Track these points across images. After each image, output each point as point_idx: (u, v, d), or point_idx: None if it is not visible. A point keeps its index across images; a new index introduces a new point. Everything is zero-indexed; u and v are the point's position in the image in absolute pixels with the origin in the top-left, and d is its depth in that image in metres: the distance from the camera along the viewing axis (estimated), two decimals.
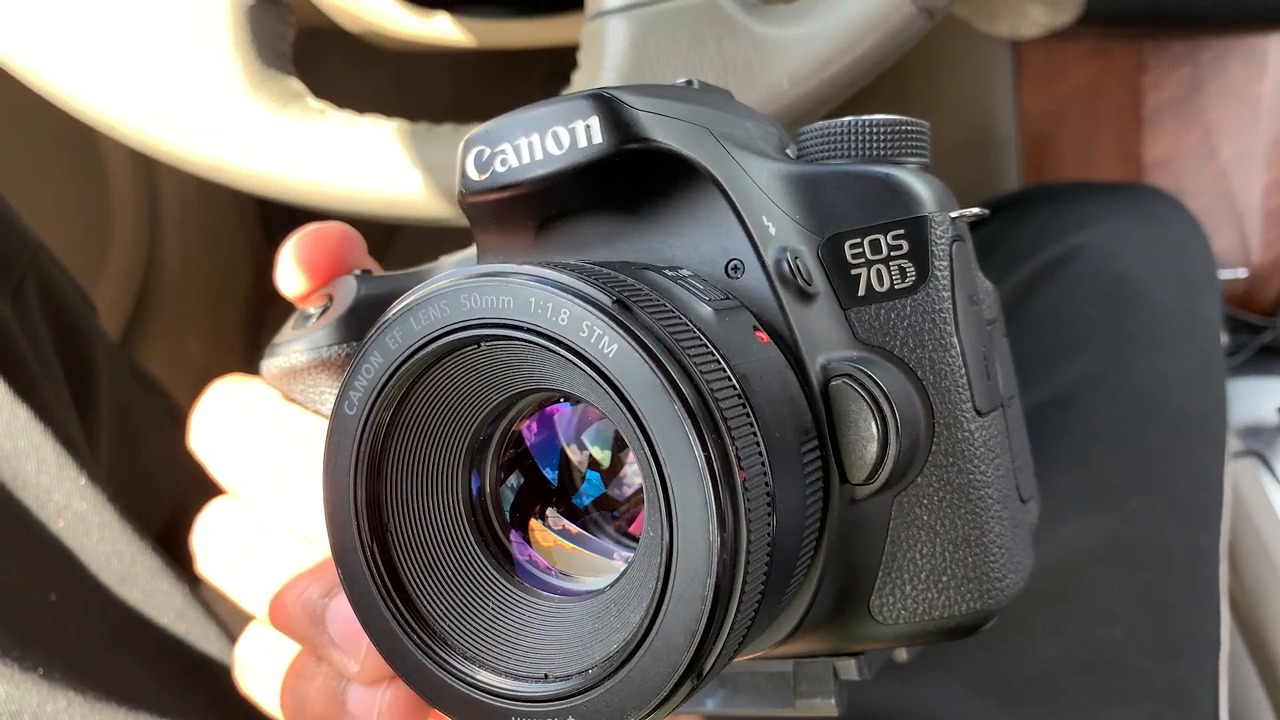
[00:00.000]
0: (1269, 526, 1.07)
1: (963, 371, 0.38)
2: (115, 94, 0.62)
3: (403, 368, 0.33)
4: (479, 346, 0.32)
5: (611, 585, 0.33)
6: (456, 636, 0.34)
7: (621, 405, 0.30)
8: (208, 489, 0.47)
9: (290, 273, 0.46)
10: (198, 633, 0.62)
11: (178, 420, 0.98)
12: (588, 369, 0.30)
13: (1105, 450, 0.82)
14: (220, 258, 1.28)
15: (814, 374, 0.36)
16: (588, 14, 0.59)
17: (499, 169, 0.37)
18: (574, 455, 0.37)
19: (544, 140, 0.36)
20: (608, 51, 0.58)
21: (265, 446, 0.44)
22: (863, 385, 0.36)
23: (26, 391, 0.59)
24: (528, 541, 0.35)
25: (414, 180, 0.63)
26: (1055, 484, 0.79)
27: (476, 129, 0.38)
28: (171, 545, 0.76)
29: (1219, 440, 0.86)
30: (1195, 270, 0.93)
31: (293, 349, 0.44)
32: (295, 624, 0.41)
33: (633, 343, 0.29)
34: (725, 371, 0.31)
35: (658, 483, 0.29)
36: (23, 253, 0.69)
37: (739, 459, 0.29)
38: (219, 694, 0.62)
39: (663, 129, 0.37)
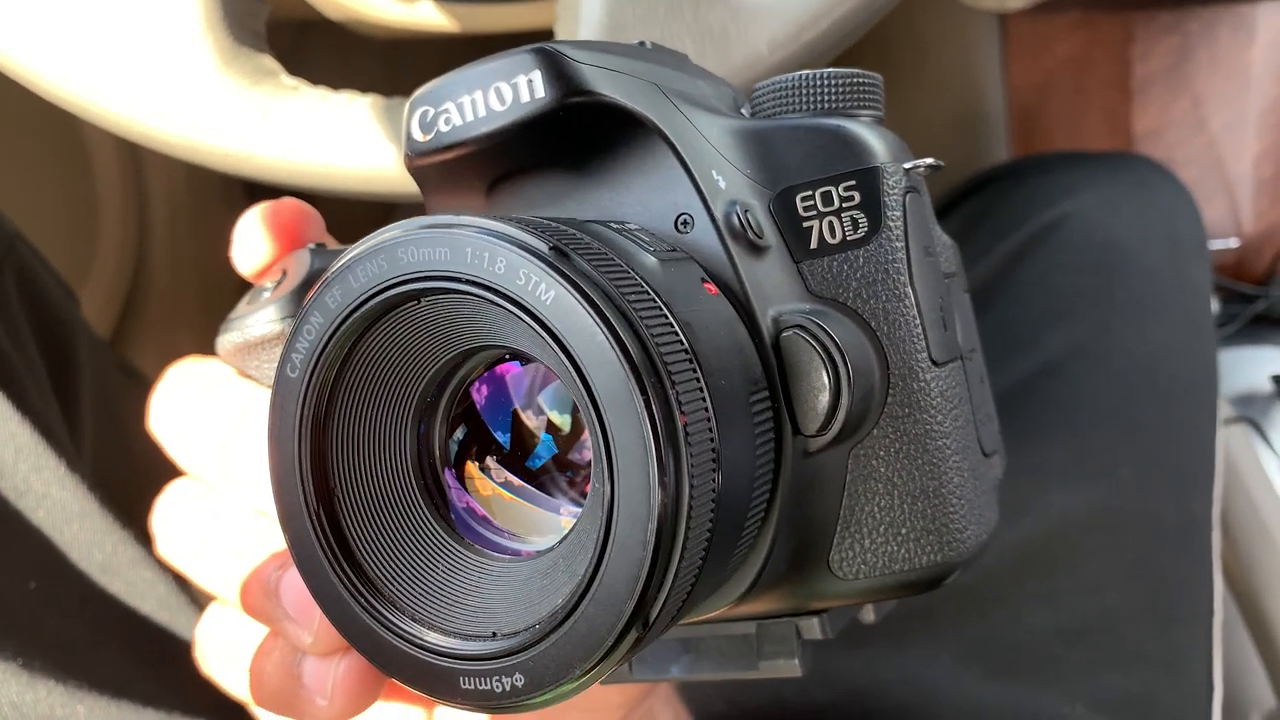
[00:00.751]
0: (1263, 494, 1.06)
1: (917, 322, 0.38)
2: (86, 73, 0.61)
3: (343, 326, 0.32)
4: (419, 302, 0.32)
5: (560, 543, 0.33)
6: (404, 599, 0.33)
7: (561, 354, 0.29)
8: None
9: (245, 249, 0.46)
10: (181, 622, 0.62)
11: None
12: (526, 318, 0.29)
13: (1095, 419, 0.81)
14: (210, 253, 1.27)
15: (765, 326, 0.36)
16: None
17: (443, 128, 0.37)
18: (529, 420, 0.37)
19: (486, 96, 0.36)
20: (583, 21, 0.58)
21: (219, 424, 0.43)
22: (814, 335, 0.35)
23: (5, 381, 0.58)
24: (464, 488, 0.35)
25: (390, 155, 0.63)
26: (1045, 453, 0.79)
27: (419, 90, 0.38)
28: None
29: (1210, 407, 0.86)
30: (1184, 236, 0.92)
31: (246, 323, 0.44)
32: (251, 599, 0.41)
33: (569, 288, 0.29)
34: (668, 318, 0.31)
35: (598, 431, 0.29)
36: (1, 243, 0.68)
37: (680, 404, 0.29)
38: (202, 683, 0.61)
39: (608, 83, 0.36)
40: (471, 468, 0.35)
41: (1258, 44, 1.40)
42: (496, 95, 0.36)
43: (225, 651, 0.44)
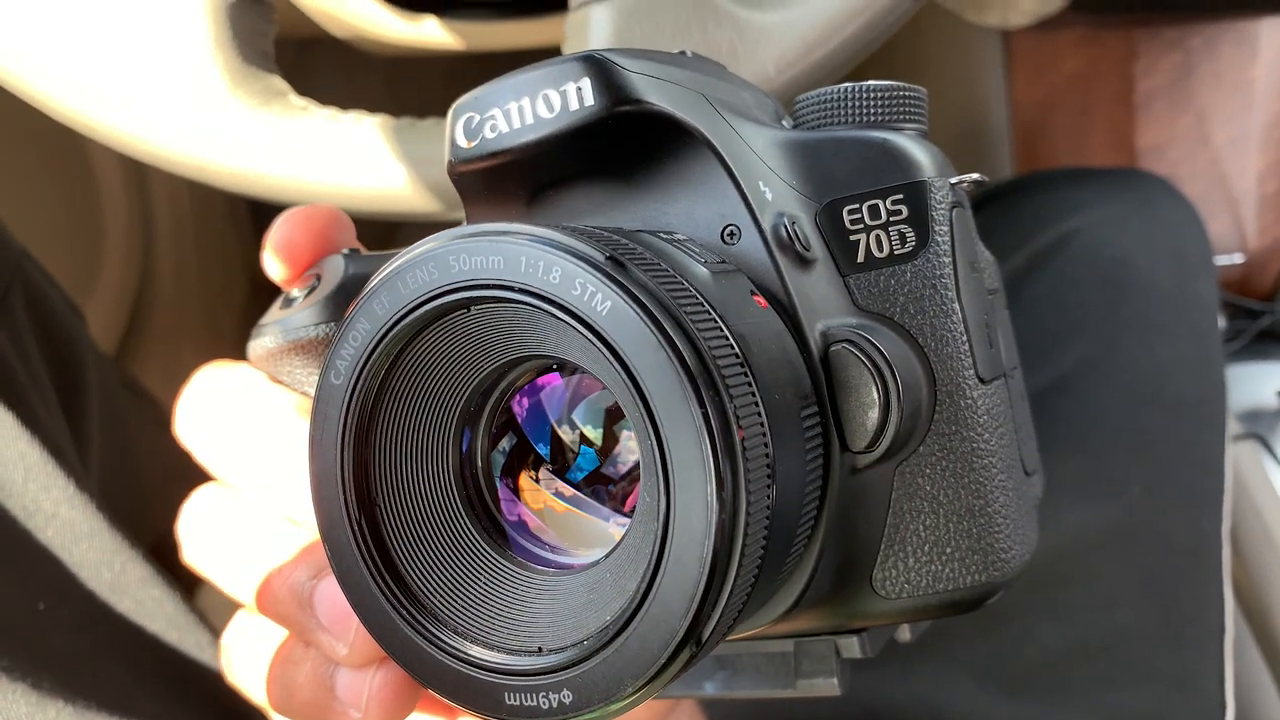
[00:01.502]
0: (1271, 509, 1.06)
1: (965, 338, 0.38)
2: (94, 94, 0.61)
3: (390, 333, 0.32)
4: (469, 310, 0.32)
5: (607, 556, 0.32)
6: (447, 611, 0.33)
7: (616, 365, 0.29)
8: None
9: (277, 254, 0.46)
10: (190, 641, 0.62)
11: (171, 431, 0.97)
12: (581, 328, 0.29)
13: (1104, 436, 0.81)
14: (215, 269, 1.27)
15: (813, 340, 0.35)
16: (572, 5, 0.58)
17: (488, 135, 0.36)
18: (565, 435, 0.36)
19: (534, 104, 0.35)
20: (591, 40, 0.58)
21: (250, 429, 0.43)
22: (864, 350, 0.35)
23: (14, 400, 0.58)
24: (517, 497, 0.34)
25: (399, 175, 0.63)
26: (1055, 471, 0.78)
27: (464, 96, 0.37)
28: (167, 556, 0.74)
29: (1219, 423, 0.86)
30: (1190, 253, 0.92)
31: (279, 329, 0.43)
32: (282, 608, 0.40)
33: (627, 299, 0.28)
34: (723, 331, 0.30)
35: (654, 444, 0.28)
36: (8, 261, 0.68)
37: (738, 418, 0.28)
38: (211, 702, 0.61)
39: (656, 91, 0.36)
40: (525, 479, 0.35)
41: (1260, 60, 1.40)
42: (545, 102, 0.35)
43: (252, 660, 0.43)
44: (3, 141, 1.00)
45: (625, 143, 0.36)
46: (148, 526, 0.87)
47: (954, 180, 0.40)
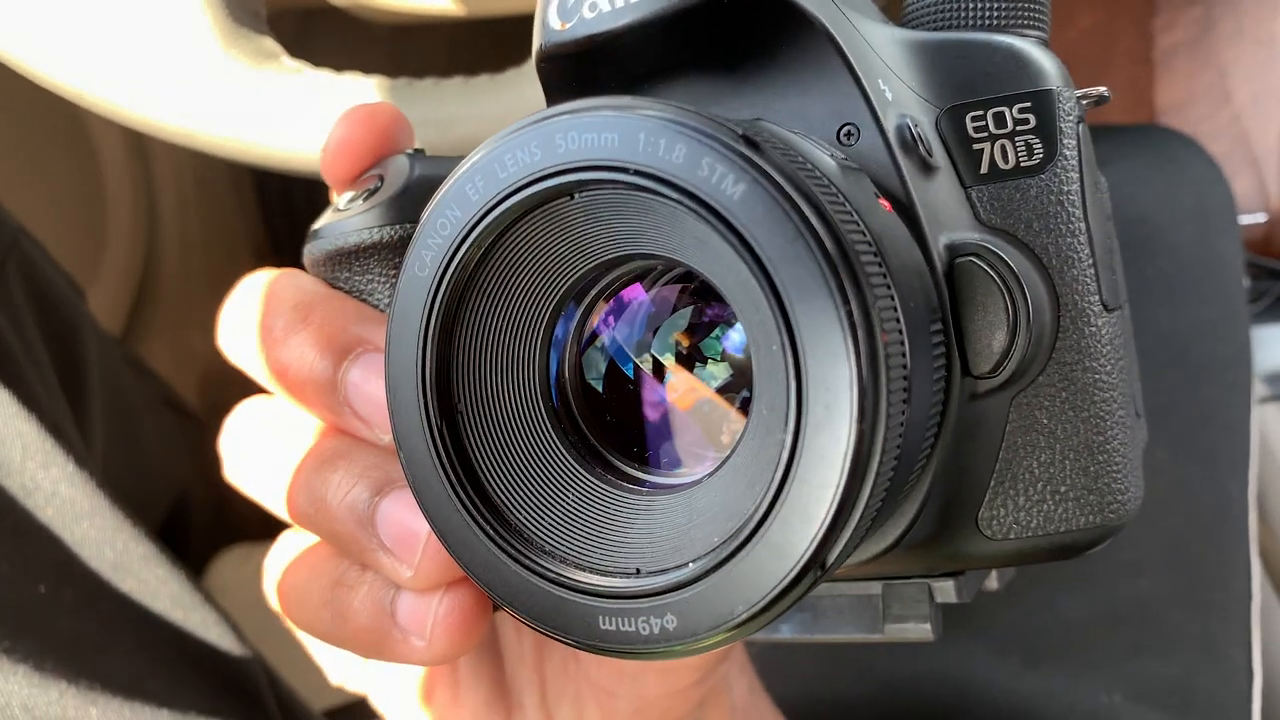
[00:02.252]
0: None
1: (1090, 261, 0.35)
2: (85, 59, 0.59)
3: (484, 221, 0.29)
4: (573, 198, 0.28)
5: (711, 475, 0.29)
6: (534, 529, 0.30)
7: (747, 256, 0.26)
8: (210, 478, 0.44)
9: (336, 154, 0.42)
10: (195, 619, 0.60)
11: (179, 410, 0.96)
12: (707, 214, 0.26)
13: None
14: (220, 249, 1.26)
15: (937, 252, 0.32)
16: None
17: (587, 14, 0.33)
18: (643, 365, 0.33)
19: None
20: None
21: (305, 333, 0.40)
22: (993, 266, 0.32)
23: (10, 377, 0.56)
24: (639, 383, 0.31)
25: None
26: None
27: None
28: (174, 535, 0.73)
29: (1244, 385, 0.84)
30: (1214, 211, 0.89)
31: (339, 230, 0.40)
32: (339, 527, 0.38)
33: (763, 181, 0.25)
34: (860, 225, 0.27)
35: (787, 346, 0.25)
36: (3, 238, 0.66)
37: (882, 322, 0.25)
38: (216, 681, 0.59)
39: None
40: (670, 362, 0.32)
41: None
42: None
43: (299, 585, 0.41)
44: (4, 126, 0.98)
45: (735, 30, 0.33)
46: (155, 505, 0.85)
47: (1079, 93, 0.36)
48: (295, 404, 0.40)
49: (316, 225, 0.42)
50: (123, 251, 1.11)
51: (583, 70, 0.35)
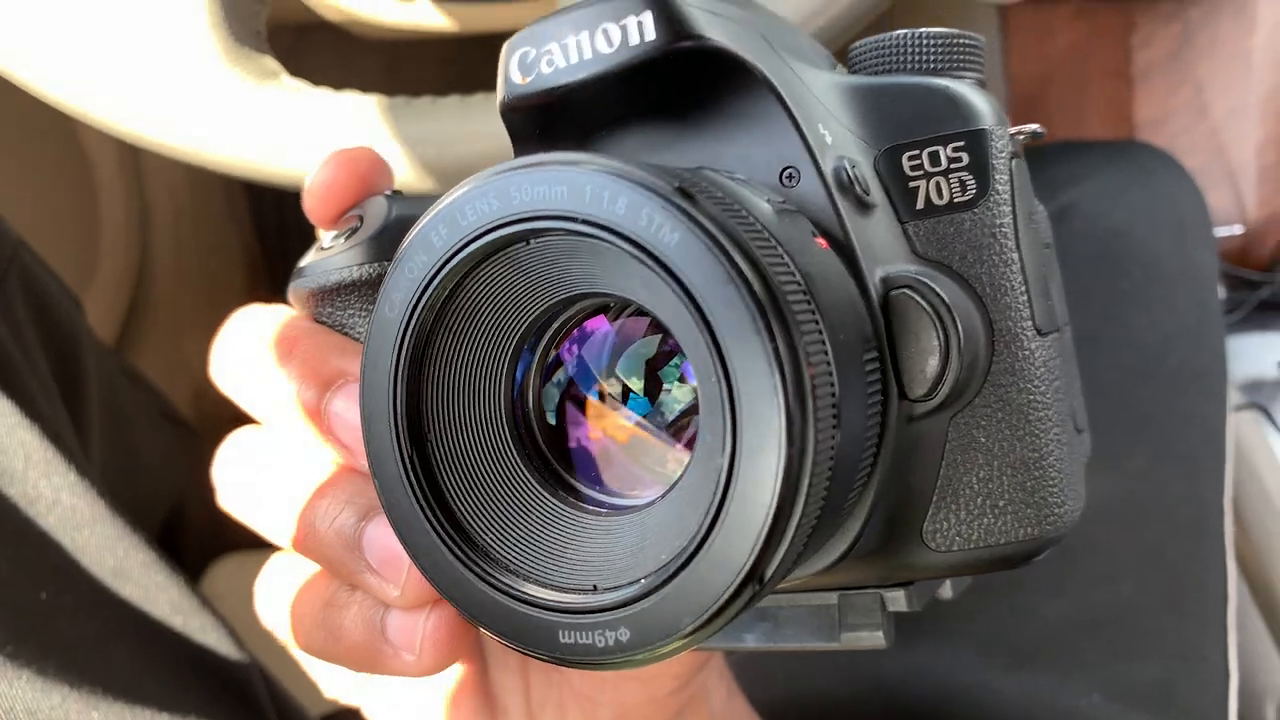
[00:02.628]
0: (1273, 479, 1.06)
1: (1023, 288, 0.37)
2: (86, 77, 0.61)
3: (448, 266, 0.31)
4: (528, 243, 0.31)
5: (662, 497, 0.32)
6: (500, 549, 0.32)
7: (684, 298, 0.28)
8: (205, 490, 0.46)
9: (319, 196, 0.45)
10: (195, 625, 0.62)
11: (173, 420, 0.98)
12: (648, 260, 0.28)
13: (1106, 409, 0.81)
14: (213, 259, 1.27)
15: (873, 285, 0.35)
16: None
17: (544, 70, 0.36)
18: (608, 384, 0.36)
19: (593, 38, 0.35)
20: None
21: (292, 365, 0.42)
22: (925, 296, 0.34)
23: (13, 388, 0.58)
24: (584, 417, 0.34)
25: (394, 154, 0.63)
26: None
27: (519, 31, 0.37)
28: (170, 544, 0.74)
29: (1219, 394, 0.86)
30: (1189, 224, 0.92)
31: (321, 269, 0.43)
32: (329, 551, 0.40)
33: (696, 230, 0.28)
34: (790, 267, 0.29)
35: (721, 380, 0.28)
36: (4, 250, 0.68)
37: (808, 355, 0.28)
38: (216, 686, 0.61)
39: (718, 28, 0.35)
40: (593, 402, 0.34)
41: (1259, 30, 1.37)
42: (604, 37, 0.35)
43: (290, 605, 0.43)
44: None
45: (684, 81, 0.36)
46: (151, 514, 0.87)
47: (1013, 130, 0.39)
48: (283, 433, 0.43)
49: (301, 263, 0.45)
50: (116, 261, 1.13)
51: (544, 121, 0.37)
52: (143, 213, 1.17)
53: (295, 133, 0.61)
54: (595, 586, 0.31)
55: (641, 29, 0.34)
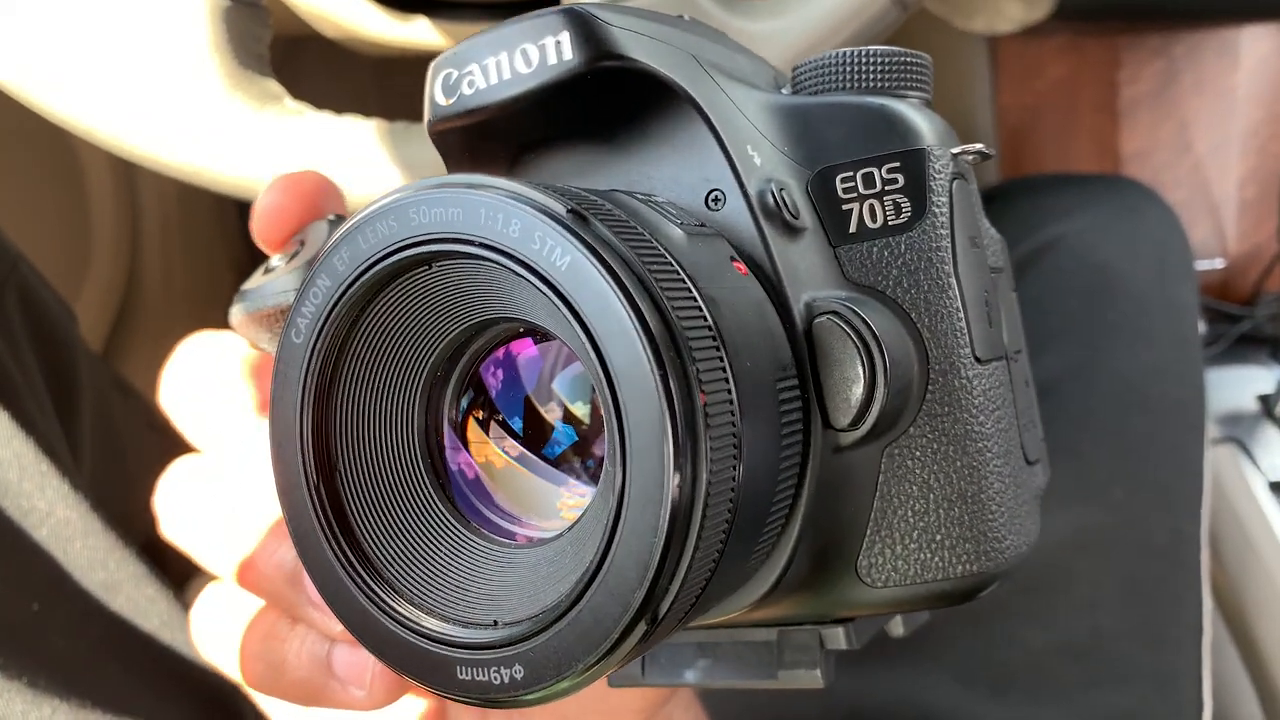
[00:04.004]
0: (1249, 512, 1.06)
1: (961, 315, 0.36)
2: (92, 97, 0.61)
3: (350, 290, 0.31)
4: (430, 267, 0.30)
5: (569, 529, 0.31)
6: (404, 582, 0.31)
7: (575, 323, 0.27)
8: None
9: (264, 220, 0.45)
10: (183, 639, 0.62)
11: (162, 432, 0.98)
12: (539, 284, 0.28)
13: (1087, 440, 0.81)
14: (202, 269, 1.28)
15: (797, 311, 0.34)
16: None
17: (466, 91, 0.35)
18: (542, 409, 0.35)
19: (512, 58, 0.34)
20: None
21: (227, 397, 0.42)
22: (849, 323, 0.33)
23: (8, 401, 0.59)
24: (463, 446, 0.33)
25: (394, 178, 0.62)
26: None
27: (444, 52, 0.36)
28: (157, 555, 0.74)
29: (1198, 426, 0.86)
30: (1172, 260, 0.93)
31: (259, 295, 0.42)
32: (269, 584, 0.39)
33: (586, 253, 0.27)
34: (692, 293, 0.28)
35: (611, 408, 0.27)
36: (3, 264, 0.69)
37: (700, 382, 0.27)
38: (205, 699, 0.61)
39: (640, 48, 0.34)
40: (474, 428, 0.33)
41: (1242, 68, 1.40)
42: (523, 57, 0.34)
43: (229, 636, 0.42)
44: None
45: (608, 102, 0.35)
46: (139, 526, 0.87)
47: (955, 150, 0.38)
48: (223, 464, 0.42)
49: (244, 286, 0.44)
50: (105, 272, 1.14)
51: (471, 141, 0.37)
52: (133, 222, 1.17)
53: (296, 156, 0.61)
54: (496, 622, 0.30)
55: (560, 49, 0.34)
